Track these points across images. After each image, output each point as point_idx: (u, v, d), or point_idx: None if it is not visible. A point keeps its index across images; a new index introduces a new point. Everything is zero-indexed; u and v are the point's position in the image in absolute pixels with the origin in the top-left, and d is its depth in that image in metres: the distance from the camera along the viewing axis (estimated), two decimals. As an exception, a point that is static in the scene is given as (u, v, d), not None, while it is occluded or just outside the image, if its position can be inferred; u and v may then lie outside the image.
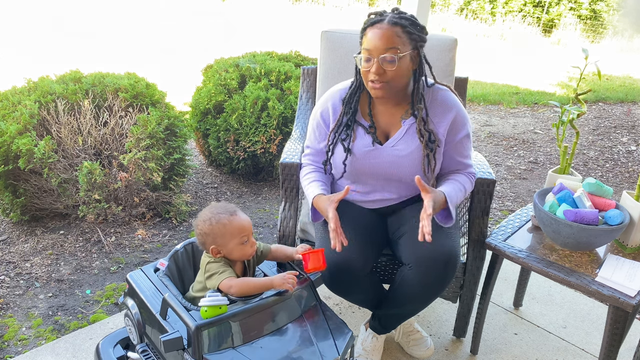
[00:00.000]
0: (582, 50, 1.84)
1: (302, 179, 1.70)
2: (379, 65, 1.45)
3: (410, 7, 2.59)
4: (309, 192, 1.62)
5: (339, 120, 1.61)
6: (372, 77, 1.48)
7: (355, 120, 1.61)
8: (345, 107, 1.61)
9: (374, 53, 1.45)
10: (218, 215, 1.38)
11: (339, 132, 1.61)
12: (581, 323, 2.15)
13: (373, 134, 1.60)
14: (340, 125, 1.61)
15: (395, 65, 1.45)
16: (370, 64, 1.47)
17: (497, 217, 3.12)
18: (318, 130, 1.68)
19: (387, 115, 1.62)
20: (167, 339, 1.19)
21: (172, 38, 8.00)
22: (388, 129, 1.62)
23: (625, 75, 7.97)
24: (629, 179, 3.87)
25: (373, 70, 1.46)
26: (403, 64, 1.47)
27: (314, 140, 1.70)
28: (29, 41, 6.95)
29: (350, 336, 1.37)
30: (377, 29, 1.45)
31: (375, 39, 1.45)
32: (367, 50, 1.47)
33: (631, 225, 1.64)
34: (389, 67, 1.45)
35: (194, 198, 3.08)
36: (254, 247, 1.43)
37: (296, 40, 7.60)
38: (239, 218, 1.39)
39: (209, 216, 1.39)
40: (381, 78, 1.47)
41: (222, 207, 1.40)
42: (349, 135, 1.60)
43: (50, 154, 2.43)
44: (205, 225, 1.38)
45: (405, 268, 1.56)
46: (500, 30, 11.63)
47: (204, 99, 3.16)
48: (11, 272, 2.29)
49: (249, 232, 1.40)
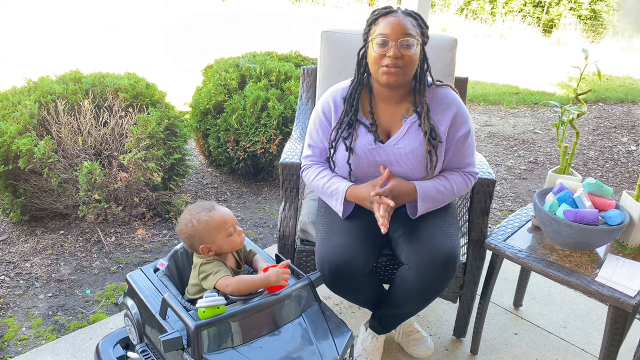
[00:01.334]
0: (582, 50, 1.84)
1: (316, 179, 1.66)
2: (397, 48, 1.46)
3: (410, 7, 2.59)
4: (336, 187, 1.60)
5: (340, 118, 1.61)
6: (387, 62, 1.48)
7: (356, 118, 1.61)
8: (347, 104, 1.61)
9: (391, 36, 1.46)
10: (198, 215, 1.39)
11: (341, 130, 1.61)
12: (581, 323, 2.14)
13: (374, 132, 1.59)
14: (342, 124, 1.61)
15: (412, 51, 1.47)
16: (386, 48, 1.47)
17: (497, 217, 3.12)
18: (321, 129, 1.67)
19: (388, 113, 1.61)
20: (167, 339, 1.19)
21: (172, 38, 8.00)
22: (389, 127, 1.62)
23: (625, 75, 7.96)
24: (629, 179, 3.87)
25: (390, 53, 1.46)
26: (416, 53, 1.50)
27: (317, 139, 1.68)
28: (29, 41, 6.95)
29: (350, 336, 1.37)
30: (393, 17, 1.48)
31: (392, 24, 1.46)
32: (383, 35, 1.47)
33: (631, 225, 1.64)
34: (406, 52, 1.47)
35: (194, 198, 3.08)
36: (242, 235, 1.44)
37: (296, 40, 7.60)
38: (218, 212, 1.39)
39: (189, 218, 1.39)
40: (398, 62, 1.47)
41: (199, 206, 1.41)
42: (350, 133, 1.60)
43: (50, 154, 2.43)
44: (188, 228, 1.38)
45: (404, 268, 1.56)
46: (500, 30, 11.63)
47: (204, 99, 3.16)
48: (11, 272, 2.29)
49: (232, 223, 1.40)
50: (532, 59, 8.90)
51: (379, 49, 1.48)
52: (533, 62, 8.61)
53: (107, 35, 7.71)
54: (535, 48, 10.12)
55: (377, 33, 1.49)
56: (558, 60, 8.76)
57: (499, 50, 9.63)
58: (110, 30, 8.11)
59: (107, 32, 7.89)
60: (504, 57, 8.99)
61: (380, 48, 1.48)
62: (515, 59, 8.90)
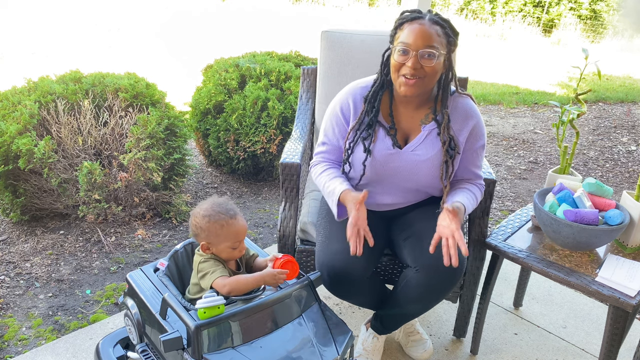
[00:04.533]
0: (582, 50, 1.84)
1: (320, 175, 1.63)
2: (417, 59, 1.42)
3: (411, 7, 2.58)
4: (333, 187, 1.55)
5: (360, 118, 1.57)
6: (406, 72, 1.44)
7: (377, 120, 1.57)
8: (368, 105, 1.57)
9: (412, 47, 1.42)
10: (218, 215, 1.38)
11: (361, 131, 1.57)
12: (581, 323, 2.14)
13: (393, 136, 1.56)
14: (362, 124, 1.57)
15: (433, 62, 1.43)
16: (407, 57, 1.44)
17: (497, 217, 3.12)
18: (337, 127, 1.62)
19: (407, 117, 1.58)
20: (167, 339, 1.19)
21: (172, 38, 8.00)
22: (408, 132, 1.59)
23: (625, 75, 7.96)
24: (629, 179, 3.87)
25: (410, 64, 1.43)
26: (438, 64, 1.45)
27: (333, 137, 1.64)
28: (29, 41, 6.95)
29: (350, 336, 1.37)
30: (418, 25, 1.43)
31: (415, 33, 1.42)
32: (404, 44, 1.43)
33: (631, 225, 1.64)
34: (427, 63, 1.43)
35: (194, 198, 3.08)
36: (242, 252, 1.44)
37: (296, 40, 7.60)
38: (237, 223, 1.39)
39: (209, 212, 1.38)
40: (417, 73, 1.44)
41: (223, 207, 1.40)
42: (370, 135, 1.56)
43: (50, 154, 2.43)
44: (204, 221, 1.38)
45: (410, 270, 1.55)
46: (500, 30, 11.62)
47: (204, 99, 3.16)
48: (11, 272, 2.29)
49: (242, 239, 1.41)
50: (532, 59, 8.90)
51: (399, 57, 1.45)
52: (533, 62, 8.61)
53: (107, 35, 7.70)
54: (535, 48, 10.12)
55: (400, 40, 1.45)
56: (558, 60, 8.75)
57: (499, 50, 9.63)
58: (110, 30, 8.11)
59: (107, 32, 7.89)
60: (504, 57, 8.99)
61: (400, 57, 1.45)
62: (515, 59, 8.89)
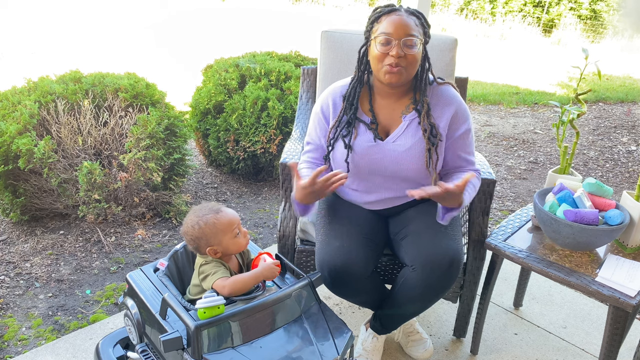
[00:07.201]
0: (582, 50, 1.84)
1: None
2: (400, 47, 1.46)
3: (410, 6, 2.58)
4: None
5: (339, 117, 1.61)
6: (390, 61, 1.48)
7: (356, 117, 1.61)
8: (346, 103, 1.60)
9: (394, 35, 1.46)
10: (205, 217, 1.38)
11: (340, 129, 1.60)
12: (581, 323, 2.14)
13: (374, 129, 1.59)
14: (341, 122, 1.61)
15: (415, 50, 1.48)
16: (389, 47, 1.47)
17: (497, 217, 3.12)
18: (319, 127, 1.67)
19: (388, 110, 1.61)
20: (167, 339, 1.19)
21: (172, 38, 8.00)
22: (389, 125, 1.62)
23: (625, 75, 7.96)
24: (629, 179, 3.87)
25: (393, 53, 1.46)
26: (418, 52, 1.50)
27: (315, 137, 1.68)
28: (29, 41, 6.95)
29: (350, 336, 1.36)
30: (396, 16, 1.48)
31: (396, 23, 1.47)
32: (386, 34, 1.47)
33: (631, 225, 1.64)
34: (409, 51, 1.47)
35: (194, 198, 3.08)
36: (247, 236, 1.44)
37: (296, 40, 7.60)
38: (225, 213, 1.40)
39: (195, 220, 1.39)
40: (400, 62, 1.47)
41: (205, 208, 1.41)
42: (350, 132, 1.59)
43: (50, 154, 2.43)
44: (195, 230, 1.38)
45: (408, 269, 1.55)
46: (500, 30, 11.63)
47: (204, 99, 3.16)
48: (11, 272, 2.29)
49: (238, 224, 1.41)
50: (532, 59, 8.90)
51: (381, 47, 1.48)
52: (533, 62, 8.61)
53: (107, 35, 7.70)
54: (535, 48, 10.12)
55: (380, 31, 1.48)
56: (558, 60, 8.76)
57: (499, 50, 9.63)
58: (110, 30, 8.11)
59: (106, 32, 7.89)
60: (504, 57, 8.99)
61: (383, 47, 1.48)
62: (515, 59, 8.90)
